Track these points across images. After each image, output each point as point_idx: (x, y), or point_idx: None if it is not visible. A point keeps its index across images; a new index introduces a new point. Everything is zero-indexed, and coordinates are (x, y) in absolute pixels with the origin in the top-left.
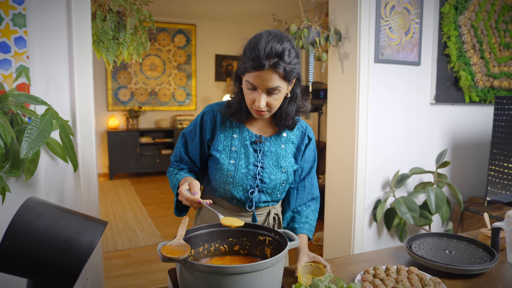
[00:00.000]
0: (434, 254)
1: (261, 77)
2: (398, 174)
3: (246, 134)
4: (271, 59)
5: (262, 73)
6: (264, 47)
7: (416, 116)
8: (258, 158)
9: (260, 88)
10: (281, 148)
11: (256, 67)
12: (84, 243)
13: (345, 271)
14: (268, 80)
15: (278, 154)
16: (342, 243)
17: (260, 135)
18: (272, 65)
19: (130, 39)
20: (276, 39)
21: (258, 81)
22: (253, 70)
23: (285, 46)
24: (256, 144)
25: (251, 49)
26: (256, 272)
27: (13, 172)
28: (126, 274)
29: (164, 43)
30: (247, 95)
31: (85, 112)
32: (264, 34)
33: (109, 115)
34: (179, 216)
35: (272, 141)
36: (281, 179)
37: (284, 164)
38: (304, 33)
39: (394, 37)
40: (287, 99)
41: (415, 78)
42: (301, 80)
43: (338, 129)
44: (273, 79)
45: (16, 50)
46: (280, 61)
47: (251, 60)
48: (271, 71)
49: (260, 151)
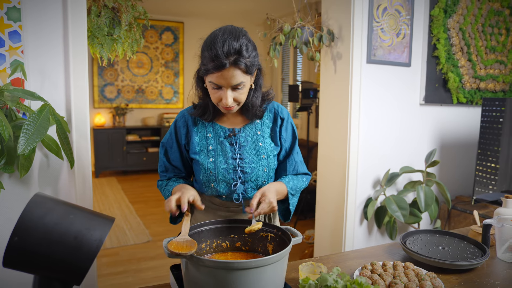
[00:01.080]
0: (428, 250)
1: (224, 76)
2: (389, 173)
3: (219, 130)
4: (230, 57)
5: (224, 72)
6: (222, 47)
7: (406, 116)
8: (236, 151)
9: (225, 87)
10: (257, 135)
11: (217, 67)
12: (93, 239)
13: (343, 267)
14: (231, 78)
15: (255, 141)
16: (333, 240)
17: (233, 128)
18: (232, 63)
19: (125, 35)
20: (232, 36)
21: (222, 80)
22: (215, 71)
23: (242, 42)
24: (231, 137)
25: (209, 50)
26: (261, 267)
27: (7, 169)
28: (116, 273)
29: (151, 40)
30: (213, 94)
31: (80, 108)
32: (219, 33)
33: (95, 112)
34: (175, 224)
35: (246, 131)
36: (262, 165)
37: (263, 150)
38: (297, 33)
39: (386, 38)
40: (251, 90)
41: (406, 79)
42: (262, 69)
43: (330, 128)
44: (236, 75)
45: (10, 45)
46: (240, 57)
47: (211, 61)
48: (233, 68)
49: (236, 143)
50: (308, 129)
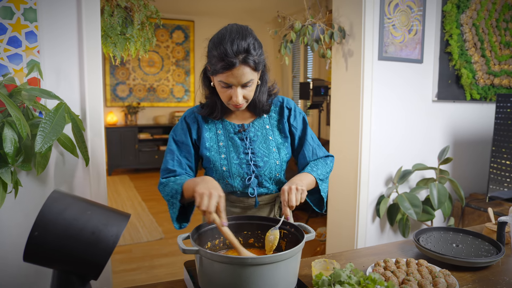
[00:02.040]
0: (441, 248)
1: (234, 75)
2: (401, 170)
3: (229, 127)
4: (240, 55)
5: (234, 71)
6: (231, 46)
7: (419, 113)
8: (247, 145)
9: (234, 85)
10: (267, 129)
11: (227, 66)
12: (110, 235)
13: (355, 264)
14: (241, 76)
15: (265, 135)
16: (345, 238)
17: (242, 124)
18: (242, 61)
19: (137, 34)
20: (240, 36)
21: (232, 79)
22: (225, 70)
23: (249, 40)
24: (241, 133)
25: (217, 49)
26: (275, 263)
27: (25, 166)
28: (129, 269)
29: (162, 39)
30: (222, 93)
31: (94, 106)
32: (226, 33)
33: (108, 111)
34: (179, 229)
35: (255, 126)
36: (274, 158)
37: (274, 144)
38: (308, 30)
39: (398, 34)
40: (258, 86)
41: (418, 76)
42: (266, 65)
43: (342, 126)
44: (245, 73)
45: (27, 45)
46: (249, 55)
47: (221, 60)
48: (242, 66)
49: (247, 138)
50: (319, 126)
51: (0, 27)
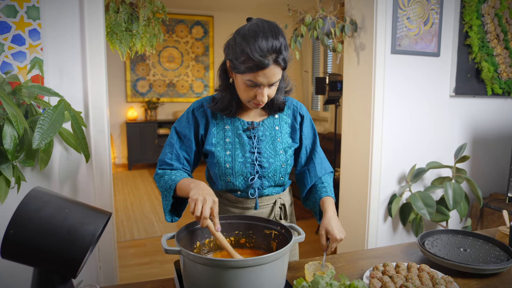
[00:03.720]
0: (447, 252)
1: (266, 75)
2: (415, 168)
3: (237, 123)
4: (273, 55)
5: (266, 71)
6: (266, 46)
7: (435, 109)
8: (254, 144)
9: (263, 85)
10: (275, 130)
11: (260, 66)
12: (87, 233)
13: (354, 266)
14: (272, 76)
15: (273, 136)
16: (356, 237)
17: (251, 121)
18: (274, 61)
19: (143, 30)
20: (272, 35)
21: (262, 79)
22: (258, 70)
23: (282, 40)
24: (249, 130)
25: (249, 48)
26: (259, 266)
27: (27, 162)
28: (142, 263)
29: (182, 34)
30: (246, 91)
31: (98, 103)
32: (258, 31)
33: (128, 106)
34: (170, 222)
35: (265, 125)
36: (281, 160)
37: (281, 146)
38: (319, 23)
39: (412, 27)
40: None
41: (434, 70)
42: None
43: (353, 121)
44: (276, 74)
45: (30, 42)
46: (280, 55)
47: (252, 60)
48: (274, 66)
49: (255, 137)
50: (336, 122)
51: (4, 26)
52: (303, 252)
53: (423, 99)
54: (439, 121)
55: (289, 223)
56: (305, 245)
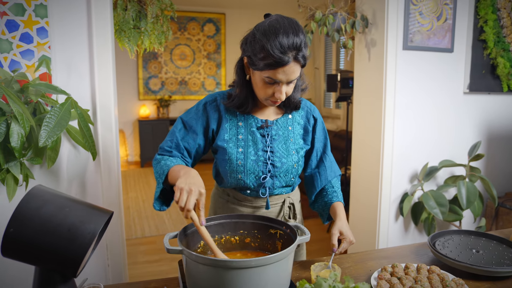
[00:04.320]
0: (459, 253)
1: (286, 72)
2: (427, 166)
3: (251, 120)
4: (293, 52)
5: (286, 68)
6: (287, 43)
7: (448, 106)
8: (267, 143)
9: (282, 82)
10: (288, 130)
11: (280, 63)
12: (87, 232)
13: (362, 267)
14: (291, 73)
15: (286, 136)
16: (367, 237)
17: (266, 120)
18: (294, 58)
19: (151, 28)
20: (292, 32)
21: (282, 76)
22: (278, 67)
23: (302, 37)
24: (263, 129)
25: (270, 44)
26: (262, 266)
27: (35, 160)
28: (152, 261)
29: (193, 32)
30: (264, 88)
31: (105, 100)
32: (279, 27)
33: (140, 104)
34: (158, 210)
35: (279, 124)
36: (293, 161)
37: (293, 146)
38: (329, 19)
39: (425, 22)
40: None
41: (447, 66)
42: None
43: (364, 118)
44: (295, 71)
45: (38, 41)
46: (300, 52)
47: (272, 57)
48: (294, 63)
49: (268, 135)
50: (347, 119)
51: (13, 24)
52: (312, 250)
53: (436, 96)
54: (452, 119)
55: (295, 222)
56: (315, 244)
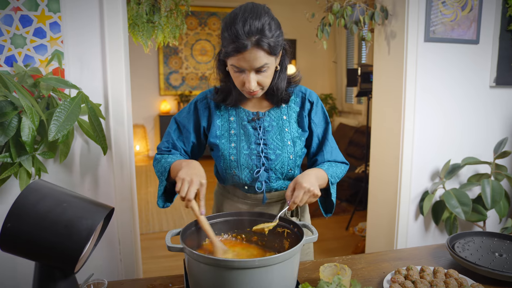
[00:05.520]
0: (480, 257)
1: (246, 58)
2: (449, 164)
3: (242, 114)
4: (252, 37)
5: (245, 54)
6: (243, 26)
7: (472, 100)
8: (259, 136)
9: (247, 70)
10: (283, 120)
11: (238, 49)
12: (84, 228)
13: (375, 269)
14: (254, 60)
15: (281, 127)
16: (385, 236)
17: (257, 112)
18: (255, 44)
19: (165, 22)
20: (253, 15)
21: (244, 63)
22: (236, 53)
23: (264, 20)
24: (254, 121)
25: (228, 30)
26: (265, 267)
27: (47, 154)
28: (168, 255)
29: (214, 27)
30: (235, 78)
31: (117, 95)
32: (239, 12)
33: (161, 99)
34: (162, 207)
35: (271, 115)
36: (288, 152)
37: (289, 136)
38: (347, 11)
39: (448, 12)
40: (276, 72)
41: (472, 58)
42: (287, 50)
43: (384, 113)
44: (259, 57)
45: (51, 35)
46: (263, 37)
47: (231, 42)
48: (255, 49)
49: (260, 128)
50: (368, 115)
51: (26, 19)
52: (332, 248)
53: (460, 90)
54: (477, 114)
55: (302, 221)
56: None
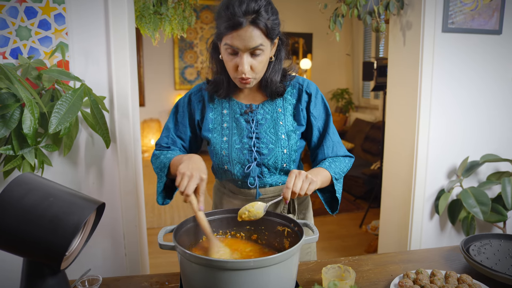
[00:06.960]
0: (497, 261)
1: (241, 37)
2: (467, 161)
3: (235, 106)
4: (248, 15)
5: (241, 31)
6: (239, 5)
7: (493, 94)
8: (252, 129)
9: (241, 50)
10: (278, 113)
11: (233, 26)
12: (70, 224)
13: (382, 271)
14: (249, 39)
15: (275, 120)
16: (398, 235)
17: (250, 104)
18: (251, 22)
19: (172, 13)
20: None
21: (238, 42)
22: (232, 30)
23: (261, 3)
24: (247, 114)
25: (225, 9)
26: (263, 268)
27: (50, 147)
28: None
29: None
30: (228, 62)
31: (122, 88)
32: None
33: (176, 93)
34: (161, 205)
35: (265, 108)
36: (282, 146)
37: (283, 130)
38: (360, 1)
39: (468, 1)
40: (271, 63)
41: (494, 50)
42: (284, 41)
43: (398, 107)
44: (254, 36)
45: (56, 27)
46: (259, 17)
47: (227, 20)
48: (251, 27)
49: (253, 121)
50: (384, 110)
51: (31, 11)
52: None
53: (480, 83)
54: (498, 108)
55: (302, 219)
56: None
